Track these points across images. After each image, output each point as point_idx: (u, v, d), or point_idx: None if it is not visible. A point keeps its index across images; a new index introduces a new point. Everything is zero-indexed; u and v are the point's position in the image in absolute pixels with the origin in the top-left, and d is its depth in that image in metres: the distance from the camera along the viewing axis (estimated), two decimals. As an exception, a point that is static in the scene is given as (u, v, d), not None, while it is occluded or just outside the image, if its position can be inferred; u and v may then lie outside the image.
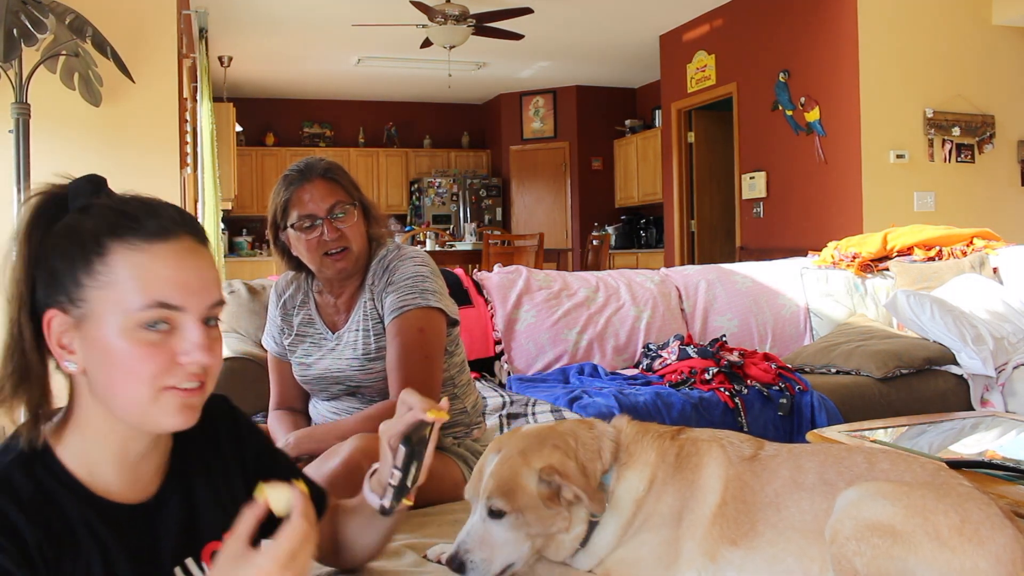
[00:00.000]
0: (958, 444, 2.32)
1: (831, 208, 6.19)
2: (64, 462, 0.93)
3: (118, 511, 0.94)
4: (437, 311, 1.90)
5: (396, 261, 1.94)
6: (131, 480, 0.96)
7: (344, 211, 1.88)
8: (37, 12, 3.10)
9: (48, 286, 0.91)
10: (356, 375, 1.92)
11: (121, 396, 0.91)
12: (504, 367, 3.32)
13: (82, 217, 0.93)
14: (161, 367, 0.90)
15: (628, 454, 1.35)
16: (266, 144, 10.73)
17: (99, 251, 0.90)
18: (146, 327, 0.89)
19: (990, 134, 6.23)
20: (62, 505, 0.90)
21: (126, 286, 0.89)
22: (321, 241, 1.86)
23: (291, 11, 7.12)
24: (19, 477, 0.89)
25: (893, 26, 5.94)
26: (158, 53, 4.11)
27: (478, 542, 1.27)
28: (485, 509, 1.28)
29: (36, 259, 0.92)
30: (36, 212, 0.94)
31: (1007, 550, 1.13)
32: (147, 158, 4.02)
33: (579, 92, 10.53)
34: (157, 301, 0.89)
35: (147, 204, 0.94)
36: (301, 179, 1.89)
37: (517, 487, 1.27)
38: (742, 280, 3.80)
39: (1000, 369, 3.17)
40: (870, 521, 1.16)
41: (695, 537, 1.27)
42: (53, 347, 0.92)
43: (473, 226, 9.60)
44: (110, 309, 0.89)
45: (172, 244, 0.92)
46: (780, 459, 1.34)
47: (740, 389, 2.88)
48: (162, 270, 0.90)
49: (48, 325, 0.91)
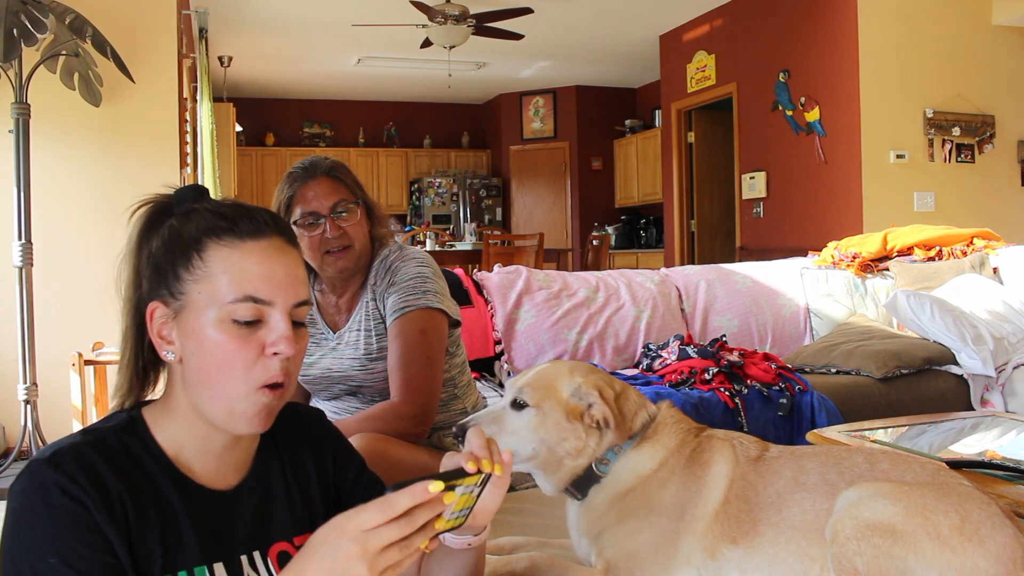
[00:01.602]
0: (958, 444, 2.32)
1: (831, 208, 6.19)
2: (157, 438, 1.00)
3: (198, 491, 1.00)
4: (439, 312, 1.90)
5: (398, 262, 1.93)
6: (213, 468, 1.02)
7: (347, 209, 1.88)
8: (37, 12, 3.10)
9: (152, 282, 1.00)
10: (358, 375, 1.92)
11: (215, 386, 0.97)
12: (504, 367, 3.32)
13: (185, 220, 1.01)
14: (251, 358, 0.96)
15: (654, 431, 1.39)
16: (266, 144, 10.73)
17: (198, 248, 0.98)
18: (237, 320, 0.96)
19: (990, 134, 6.23)
20: (148, 471, 0.97)
21: (220, 280, 0.96)
22: (323, 239, 1.86)
23: (291, 11, 7.12)
24: (114, 439, 0.97)
25: (893, 26, 5.94)
26: (158, 53, 4.11)
27: (491, 420, 1.34)
28: (511, 397, 1.35)
29: (144, 261, 1.01)
30: (146, 220, 1.03)
31: (1007, 549, 1.13)
32: (147, 158, 4.02)
33: (579, 92, 10.53)
34: (247, 295, 0.96)
35: (243, 207, 1.02)
36: (305, 176, 1.89)
37: (550, 388, 1.34)
38: (742, 280, 3.80)
39: (1000, 369, 3.17)
40: (870, 521, 1.16)
41: (696, 533, 1.28)
42: (154, 337, 1.00)
43: (473, 226, 9.60)
44: (205, 301, 0.96)
45: (263, 242, 0.99)
46: (783, 460, 1.35)
47: (740, 389, 2.88)
48: (253, 266, 0.97)
49: (151, 316, 0.99)
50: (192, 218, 1.00)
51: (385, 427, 1.78)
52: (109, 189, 3.94)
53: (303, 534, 1.06)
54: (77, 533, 0.87)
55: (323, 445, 1.15)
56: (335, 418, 1.96)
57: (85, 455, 0.92)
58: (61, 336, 3.73)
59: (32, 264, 3.38)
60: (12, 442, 3.67)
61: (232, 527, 1.01)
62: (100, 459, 0.93)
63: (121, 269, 1.03)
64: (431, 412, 1.86)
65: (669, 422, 1.42)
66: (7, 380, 3.63)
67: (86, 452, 0.93)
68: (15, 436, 3.54)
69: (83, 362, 3.40)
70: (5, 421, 3.79)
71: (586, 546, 1.36)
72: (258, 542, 1.03)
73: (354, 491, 1.15)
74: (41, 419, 3.41)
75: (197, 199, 1.03)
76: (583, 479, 1.36)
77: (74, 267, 3.93)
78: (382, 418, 1.79)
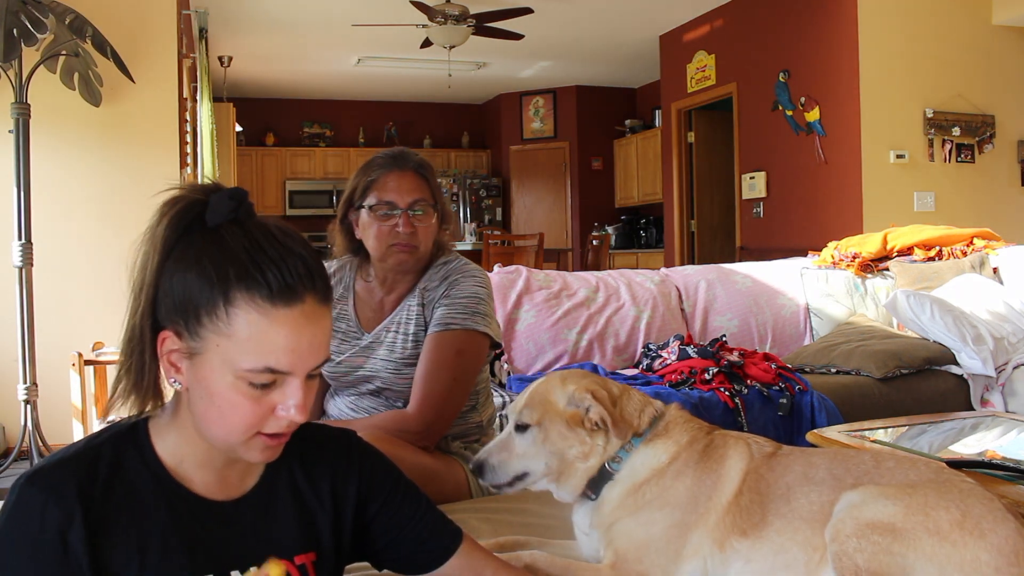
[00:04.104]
0: (958, 444, 2.32)
1: (831, 208, 6.19)
2: (156, 447, 0.99)
3: (194, 502, 0.98)
4: (483, 335, 1.87)
5: (458, 275, 1.90)
6: (214, 481, 1.01)
7: (424, 210, 1.85)
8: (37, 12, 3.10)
9: (169, 307, 0.94)
10: (389, 377, 1.90)
11: (213, 430, 0.96)
12: (504, 367, 3.31)
13: (217, 244, 0.94)
14: (257, 418, 0.95)
15: (664, 429, 1.41)
16: (266, 144, 10.73)
17: (225, 297, 0.92)
18: (253, 384, 0.93)
19: (990, 134, 6.23)
20: (133, 483, 0.96)
21: (243, 346, 0.91)
22: (393, 231, 1.83)
23: (291, 11, 7.12)
24: (108, 450, 0.97)
25: (893, 26, 5.94)
26: (158, 53, 4.11)
27: (499, 448, 1.38)
28: (514, 423, 1.38)
29: (166, 269, 0.95)
30: (177, 219, 0.96)
31: (1009, 542, 1.14)
32: (147, 158, 4.02)
33: (579, 92, 10.53)
34: (267, 367, 0.92)
35: (281, 251, 0.94)
36: (393, 164, 1.87)
37: (546, 402, 1.37)
38: (742, 280, 3.80)
39: (1000, 369, 3.17)
40: (871, 520, 1.17)
41: (707, 525, 1.30)
42: (163, 360, 0.96)
43: (473, 226, 9.61)
44: (221, 358, 0.92)
45: (295, 311, 0.93)
46: (794, 457, 1.38)
47: (740, 389, 2.88)
48: (279, 338, 0.92)
49: (162, 342, 0.96)
50: (225, 245, 0.93)
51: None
52: (109, 189, 3.94)
53: (304, 554, 1.03)
54: (38, 555, 0.89)
55: (346, 470, 1.11)
56: (352, 415, 1.95)
57: (56, 475, 0.92)
58: (61, 336, 3.74)
59: (32, 264, 3.38)
60: (12, 442, 3.67)
61: (228, 540, 0.99)
62: (76, 477, 0.92)
63: (140, 263, 0.96)
64: (437, 432, 1.85)
65: (680, 420, 1.44)
66: (7, 380, 3.63)
67: (59, 472, 0.93)
68: (15, 436, 3.54)
69: (83, 362, 3.40)
70: (5, 421, 3.79)
71: (595, 540, 1.37)
72: (255, 558, 1.00)
73: (383, 511, 1.12)
74: (41, 419, 3.42)
75: (235, 209, 0.96)
76: (597, 479, 1.38)
77: (74, 267, 3.93)
78: (388, 429, 1.78)
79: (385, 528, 1.12)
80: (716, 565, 1.28)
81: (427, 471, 1.80)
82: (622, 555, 1.30)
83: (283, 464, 1.06)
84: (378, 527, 1.12)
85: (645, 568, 1.29)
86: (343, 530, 1.09)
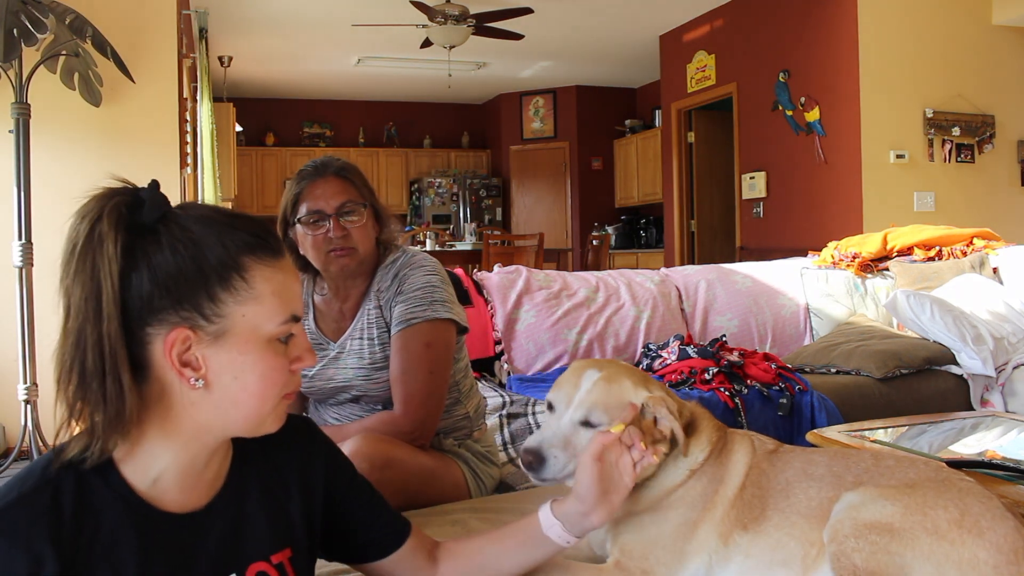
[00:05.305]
0: (958, 444, 2.32)
1: (831, 208, 6.19)
2: (122, 470, 0.93)
3: (162, 520, 0.95)
4: (447, 322, 1.87)
5: (406, 268, 1.90)
6: (190, 487, 0.98)
7: (353, 211, 1.86)
8: (37, 12, 3.10)
9: (165, 306, 0.90)
10: (363, 383, 1.90)
11: (244, 410, 0.95)
12: (504, 367, 3.32)
13: (183, 230, 0.92)
14: (286, 377, 0.98)
15: (695, 427, 1.40)
16: (266, 144, 10.74)
17: (239, 268, 0.93)
18: (281, 340, 0.97)
19: (990, 134, 6.23)
20: (103, 510, 0.91)
21: (268, 303, 0.95)
22: (326, 238, 1.84)
23: (291, 11, 7.12)
24: (68, 481, 0.90)
25: (893, 26, 5.95)
26: (158, 53, 4.11)
27: (562, 444, 1.32)
28: (580, 416, 1.32)
29: (131, 274, 0.90)
30: (117, 223, 0.90)
31: (1007, 540, 1.14)
32: (147, 158, 4.02)
33: (579, 92, 10.53)
34: (293, 314, 0.97)
35: (234, 216, 0.98)
36: (315, 175, 1.87)
37: (623, 406, 1.32)
38: (742, 280, 3.80)
39: (1000, 369, 3.17)
40: (869, 520, 1.17)
41: (714, 519, 1.31)
42: (173, 365, 0.91)
43: (473, 226, 9.61)
44: (250, 325, 0.94)
45: (286, 261, 0.99)
46: (795, 454, 1.39)
47: (740, 389, 2.88)
48: (292, 284, 0.98)
49: (171, 345, 0.90)
50: (184, 224, 0.92)
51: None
52: (109, 189, 3.94)
53: (280, 551, 1.02)
54: None
55: (311, 453, 1.11)
56: (335, 423, 1.95)
57: (15, 515, 0.86)
58: (61, 336, 3.73)
59: (32, 264, 3.38)
60: (12, 442, 3.67)
61: (202, 549, 0.97)
62: (44, 516, 0.87)
63: (85, 278, 0.88)
64: (430, 428, 1.85)
65: (704, 418, 1.44)
66: (7, 380, 3.63)
67: (19, 512, 0.87)
68: (15, 436, 3.54)
69: (83, 362, 3.40)
70: (5, 421, 3.79)
71: (600, 534, 1.37)
72: (233, 563, 0.98)
73: (348, 496, 1.14)
74: (41, 419, 3.41)
75: (165, 202, 0.93)
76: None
77: (74, 267, 3.92)
78: (380, 431, 1.78)
79: (351, 510, 1.14)
80: (719, 559, 1.29)
81: (427, 471, 1.80)
82: (628, 552, 1.30)
83: (247, 460, 1.04)
84: (343, 510, 1.13)
85: (650, 565, 1.28)
86: (314, 518, 1.09)
